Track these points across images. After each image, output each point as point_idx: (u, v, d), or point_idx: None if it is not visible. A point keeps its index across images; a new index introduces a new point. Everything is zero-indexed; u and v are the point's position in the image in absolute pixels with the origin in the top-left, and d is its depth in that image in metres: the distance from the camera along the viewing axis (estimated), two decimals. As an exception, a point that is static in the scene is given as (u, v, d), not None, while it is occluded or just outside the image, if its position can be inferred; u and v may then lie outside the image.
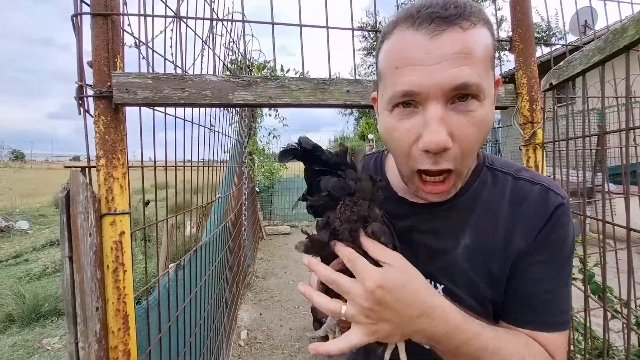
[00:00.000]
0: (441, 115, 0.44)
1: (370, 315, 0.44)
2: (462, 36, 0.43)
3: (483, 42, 0.44)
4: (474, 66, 0.43)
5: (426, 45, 0.43)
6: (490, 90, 0.47)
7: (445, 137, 0.44)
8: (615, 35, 0.67)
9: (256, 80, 0.79)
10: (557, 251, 0.52)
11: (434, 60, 0.42)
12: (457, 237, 0.55)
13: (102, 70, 0.71)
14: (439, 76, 0.42)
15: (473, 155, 0.50)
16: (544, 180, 0.55)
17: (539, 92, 1.01)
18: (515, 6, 1.03)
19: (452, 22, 0.42)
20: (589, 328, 1.00)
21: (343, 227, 0.48)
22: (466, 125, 0.45)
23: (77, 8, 0.72)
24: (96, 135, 0.72)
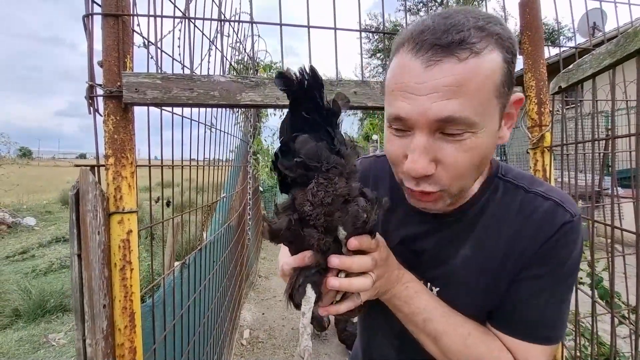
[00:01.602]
0: (424, 145, 0.45)
1: (380, 275, 0.53)
2: (456, 67, 0.42)
3: (483, 73, 0.43)
4: (465, 99, 0.42)
5: (420, 74, 0.43)
6: (491, 118, 0.46)
7: (423, 167, 0.46)
8: (627, 38, 0.66)
9: (264, 81, 0.79)
10: (556, 268, 0.52)
11: (424, 91, 0.43)
12: (458, 247, 0.58)
13: (112, 70, 0.72)
14: (427, 108, 0.43)
15: (467, 179, 0.50)
16: (556, 196, 0.54)
17: (548, 95, 1.00)
18: (525, 8, 1.03)
19: (449, 52, 0.42)
20: (596, 334, 0.99)
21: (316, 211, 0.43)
22: (454, 152, 0.46)
23: (89, 8, 0.72)
24: (105, 134, 0.73)
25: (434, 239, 0.60)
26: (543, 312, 0.53)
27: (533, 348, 0.53)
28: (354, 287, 0.49)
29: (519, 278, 0.54)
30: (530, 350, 0.53)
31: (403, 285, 0.56)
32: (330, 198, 0.43)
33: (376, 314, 0.64)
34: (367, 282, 0.49)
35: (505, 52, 0.44)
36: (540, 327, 0.53)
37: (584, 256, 1.37)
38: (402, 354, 0.68)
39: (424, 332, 0.56)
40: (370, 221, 0.45)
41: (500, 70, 0.44)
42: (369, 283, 0.49)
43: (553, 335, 0.54)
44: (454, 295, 0.58)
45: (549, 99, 1.00)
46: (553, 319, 0.54)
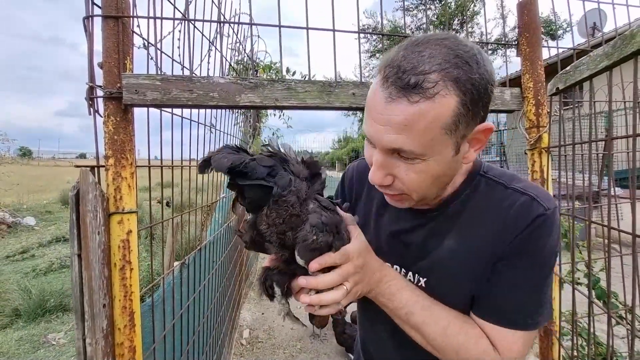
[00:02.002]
0: (381, 162, 0.54)
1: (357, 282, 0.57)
2: (407, 109, 0.47)
3: (431, 115, 0.47)
4: (411, 136, 0.48)
5: (382, 106, 0.49)
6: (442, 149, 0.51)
7: (379, 179, 0.55)
8: (623, 41, 0.67)
9: (263, 83, 0.79)
10: (530, 258, 0.56)
11: (382, 122, 0.50)
12: (442, 239, 0.63)
13: (112, 71, 0.72)
14: (382, 136, 0.51)
15: (425, 191, 0.56)
16: (532, 191, 0.58)
17: (545, 96, 1.00)
18: (523, 9, 1.03)
19: (404, 93, 0.47)
20: (593, 334, 1.00)
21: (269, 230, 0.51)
22: (406, 171, 0.53)
23: (89, 10, 0.73)
24: (105, 135, 0.73)
25: (421, 233, 0.66)
26: (518, 299, 0.57)
27: (509, 333, 0.57)
28: (324, 301, 0.54)
29: (496, 267, 0.58)
30: (507, 335, 0.57)
31: (386, 284, 0.61)
32: (281, 219, 0.49)
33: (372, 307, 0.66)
34: (337, 295, 0.54)
35: (462, 95, 0.47)
36: (515, 313, 0.57)
37: (581, 256, 1.38)
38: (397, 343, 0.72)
39: (407, 324, 0.61)
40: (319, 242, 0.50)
41: (452, 112, 0.48)
42: (340, 295, 0.54)
43: (529, 322, 0.57)
44: (440, 284, 0.63)
45: (547, 100, 1.00)
46: (528, 305, 0.57)
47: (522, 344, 0.57)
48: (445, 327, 0.58)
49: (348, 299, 0.56)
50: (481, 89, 0.49)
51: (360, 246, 0.58)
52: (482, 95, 0.49)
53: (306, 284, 0.54)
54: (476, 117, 0.51)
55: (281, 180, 0.48)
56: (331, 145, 24.28)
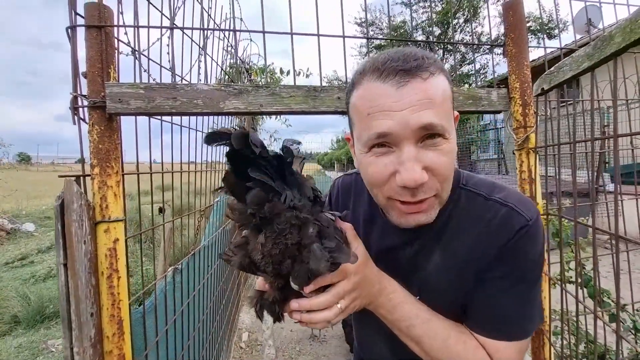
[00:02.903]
0: (415, 154, 0.51)
1: (354, 298, 0.56)
2: (423, 85, 0.50)
3: (441, 88, 0.52)
4: (436, 109, 0.50)
5: (394, 94, 0.50)
6: (452, 126, 0.55)
7: (420, 174, 0.51)
8: (603, 42, 0.67)
9: (247, 89, 0.80)
10: (515, 269, 0.56)
11: (402, 107, 0.49)
12: (429, 256, 0.64)
13: (95, 80, 0.73)
14: (409, 119, 0.49)
15: (451, 180, 0.57)
16: (513, 202, 0.59)
17: (532, 97, 1.01)
18: (509, 10, 1.04)
19: (413, 74, 0.50)
20: (585, 332, 1.00)
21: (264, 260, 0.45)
22: (438, 157, 0.52)
23: (72, 20, 0.73)
24: (90, 144, 0.73)
25: (410, 250, 0.66)
26: (506, 310, 0.58)
27: (501, 344, 0.57)
28: (315, 321, 0.53)
29: (483, 280, 0.59)
30: (499, 347, 0.58)
31: (386, 297, 0.60)
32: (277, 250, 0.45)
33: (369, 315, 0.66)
34: (329, 314, 0.53)
35: (445, 76, 0.53)
36: (505, 324, 0.58)
37: (571, 255, 1.38)
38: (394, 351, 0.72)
39: (408, 336, 0.60)
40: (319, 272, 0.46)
41: (448, 87, 0.54)
42: (332, 315, 0.53)
43: (518, 331, 0.58)
44: (431, 299, 0.63)
45: (533, 100, 1.01)
46: (517, 315, 0.58)
47: (515, 353, 0.58)
48: (444, 339, 0.58)
49: (343, 315, 0.55)
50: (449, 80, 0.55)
51: (360, 261, 0.56)
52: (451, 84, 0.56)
53: (298, 308, 0.53)
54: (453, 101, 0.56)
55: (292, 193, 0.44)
56: (330, 146, 24.30)
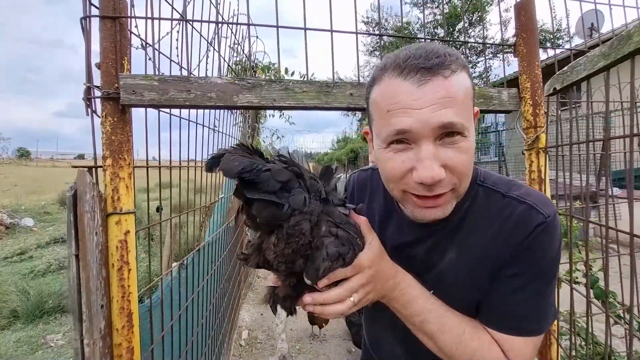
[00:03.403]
0: (433, 152, 0.51)
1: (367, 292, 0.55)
2: (444, 83, 0.50)
3: (463, 86, 0.52)
4: (456, 108, 0.50)
5: (415, 92, 0.50)
6: (472, 124, 0.55)
7: (438, 171, 0.51)
8: (620, 41, 0.67)
9: (261, 83, 0.79)
10: (532, 266, 0.57)
11: (423, 105, 0.49)
12: (444, 252, 0.64)
13: (109, 72, 0.72)
14: (428, 117, 0.49)
15: (469, 177, 0.57)
16: (530, 199, 0.58)
17: (543, 97, 1.01)
18: (520, 11, 1.04)
19: (435, 72, 0.50)
20: (591, 333, 1.00)
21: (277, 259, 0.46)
22: (456, 155, 0.52)
23: (86, 11, 0.73)
24: (103, 135, 0.73)
25: (424, 246, 0.66)
26: (523, 307, 0.57)
27: (516, 340, 0.57)
28: (328, 313, 0.53)
29: (499, 276, 0.59)
30: (514, 342, 0.57)
31: (400, 291, 0.59)
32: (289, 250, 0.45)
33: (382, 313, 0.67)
34: (342, 307, 0.53)
35: (467, 72, 0.54)
36: (521, 320, 0.58)
37: (579, 256, 1.38)
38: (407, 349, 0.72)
39: (421, 331, 0.60)
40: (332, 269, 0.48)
41: (470, 84, 0.54)
42: (345, 308, 0.53)
43: (534, 328, 0.58)
44: (444, 295, 0.62)
45: (544, 100, 1.01)
46: (533, 312, 0.58)
47: (530, 349, 0.58)
48: (459, 335, 0.58)
49: (356, 307, 0.55)
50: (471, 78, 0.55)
51: (374, 254, 0.55)
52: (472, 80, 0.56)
53: (312, 301, 0.53)
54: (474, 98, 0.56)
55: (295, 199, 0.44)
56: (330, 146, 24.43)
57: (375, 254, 0.56)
